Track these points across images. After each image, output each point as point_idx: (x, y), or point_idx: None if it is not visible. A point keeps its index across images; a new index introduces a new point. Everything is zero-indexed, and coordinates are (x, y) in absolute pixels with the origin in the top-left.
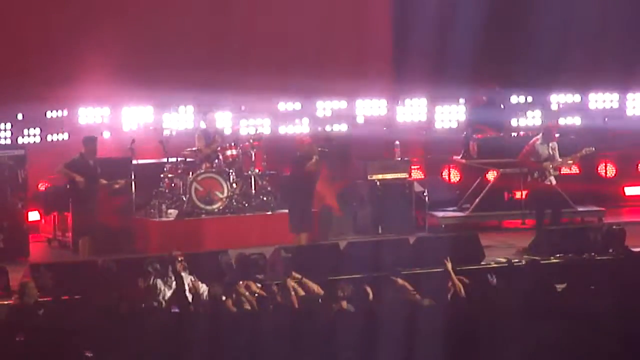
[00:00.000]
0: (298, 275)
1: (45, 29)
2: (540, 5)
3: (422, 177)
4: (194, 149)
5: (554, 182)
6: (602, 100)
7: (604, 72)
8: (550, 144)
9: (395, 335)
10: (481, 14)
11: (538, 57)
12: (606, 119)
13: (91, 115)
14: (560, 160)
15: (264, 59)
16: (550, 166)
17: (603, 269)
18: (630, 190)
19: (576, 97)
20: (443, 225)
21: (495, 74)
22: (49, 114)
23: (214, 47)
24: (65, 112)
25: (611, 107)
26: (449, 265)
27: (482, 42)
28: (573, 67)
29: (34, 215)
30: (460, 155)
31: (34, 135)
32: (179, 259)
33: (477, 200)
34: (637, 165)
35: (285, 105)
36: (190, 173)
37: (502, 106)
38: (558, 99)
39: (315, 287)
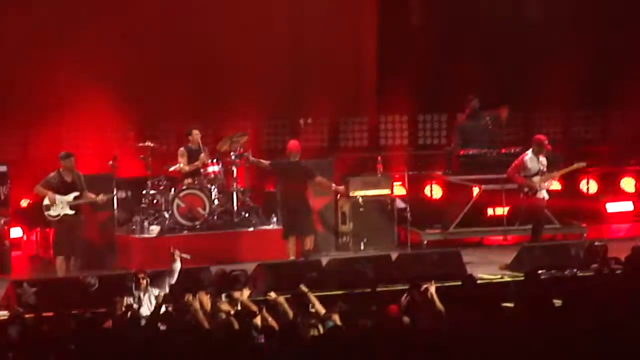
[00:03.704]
0: (274, 295)
1: None
2: None
3: (405, 193)
4: (176, 165)
5: (546, 197)
6: None
7: None
8: (540, 158)
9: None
10: None
11: None
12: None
13: None
14: (550, 174)
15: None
16: (541, 181)
17: (585, 285)
18: (611, 207)
19: None
20: (425, 242)
21: None
22: None
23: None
24: None
25: None
26: (433, 289)
27: None
28: None
29: (16, 232)
30: (443, 172)
31: None
32: (141, 275)
33: (459, 216)
34: (619, 182)
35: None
36: (173, 189)
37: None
38: None
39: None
